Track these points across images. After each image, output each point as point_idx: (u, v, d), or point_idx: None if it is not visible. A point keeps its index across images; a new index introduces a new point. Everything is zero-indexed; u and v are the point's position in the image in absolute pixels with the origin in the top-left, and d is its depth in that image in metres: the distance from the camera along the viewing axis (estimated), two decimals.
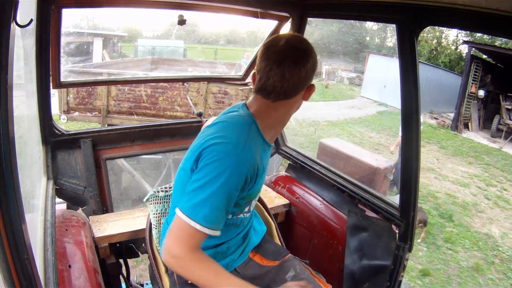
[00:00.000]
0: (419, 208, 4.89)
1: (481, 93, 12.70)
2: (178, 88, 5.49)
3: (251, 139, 1.08)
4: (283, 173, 2.44)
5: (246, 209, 1.25)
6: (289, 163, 2.40)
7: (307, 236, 2.08)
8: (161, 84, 5.40)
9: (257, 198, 1.32)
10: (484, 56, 13.11)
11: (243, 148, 1.03)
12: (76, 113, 5.72)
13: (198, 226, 0.97)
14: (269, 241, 1.51)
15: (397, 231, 1.66)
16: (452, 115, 14.07)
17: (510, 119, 12.19)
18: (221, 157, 1.01)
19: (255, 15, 1.95)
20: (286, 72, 1.03)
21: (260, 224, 1.49)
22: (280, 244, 1.67)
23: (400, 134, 5.38)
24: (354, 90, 19.13)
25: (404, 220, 1.59)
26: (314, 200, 2.11)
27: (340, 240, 1.91)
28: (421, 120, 5.07)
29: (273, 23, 2.17)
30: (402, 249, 1.60)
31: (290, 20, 2.05)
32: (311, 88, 1.13)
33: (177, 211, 1.01)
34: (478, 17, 1.17)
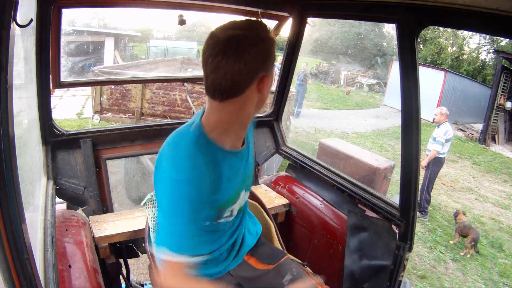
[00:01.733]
0: (469, 226, 4.84)
1: (509, 105, 12.20)
2: None
3: (194, 153, 0.98)
4: (283, 173, 2.44)
5: (227, 215, 1.18)
6: (289, 163, 2.40)
7: (307, 236, 2.08)
8: (196, 89, 5.48)
9: (239, 204, 1.22)
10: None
11: (185, 171, 0.96)
12: (109, 114, 5.80)
13: (172, 258, 0.97)
14: (265, 243, 1.47)
15: (397, 231, 1.67)
16: (476, 126, 13.63)
17: None
18: (170, 188, 0.98)
19: (255, 15, 1.95)
20: (220, 66, 0.90)
21: (255, 225, 1.45)
22: (279, 244, 1.66)
23: (431, 148, 5.19)
24: (375, 98, 18.50)
25: (404, 220, 1.59)
26: (314, 200, 2.11)
27: (340, 240, 1.91)
28: (451, 134, 4.90)
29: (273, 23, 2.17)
30: (402, 249, 1.60)
31: (290, 20, 2.06)
32: (264, 79, 0.97)
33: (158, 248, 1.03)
34: (478, 17, 1.18)
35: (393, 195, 5.29)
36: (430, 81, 13.45)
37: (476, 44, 23.20)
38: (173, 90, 5.61)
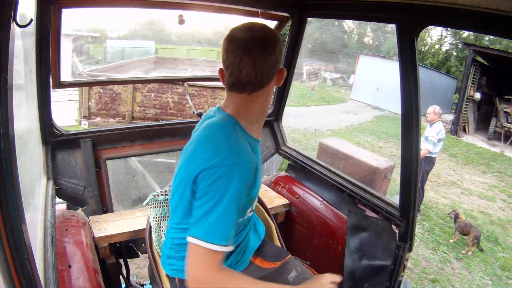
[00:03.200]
0: (469, 225, 4.84)
1: (478, 95, 12.65)
2: (206, 95, 5.52)
3: (241, 141, 1.04)
4: (283, 173, 2.44)
5: (249, 210, 1.23)
6: (289, 163, 2.40)
7: (307, 236, 2.08)
8: (190, 91, 5.43)
9: (257, 197, 1.30)
10: (479, 58, 13.13)
11: (237, 155, 1.00)
12: (98, 119, 5.70)
13: (217, 247, 0.95)
14: (269, 243, 1.50)
15: (397, 231, 1.67)
16: (444, 116, 13.82)
17: (508, 122, 12.14)
18: (221, 174, 0.97)
19: (255, 15, 1.95)
20: (257, 60, 1.00)
21: (259, 225, 1.48)
22: (280, 244, 1.67)
23: (423, 147, 4.99)
24: (341, 92, 18.54)
25: (404, 220, 1.59)
26: (314, 200, 2.11)
27: (340, 240, 1.91)
28: (443, 134, 4.76)
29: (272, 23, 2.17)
30: (402, 249, 1.60)
31: (290, 20, 2.06)
32: (282, 72, 1.10)
33: (192, 239, 0.97)
34: (478, 17, 1.18)
35: (392, 195, 5.29)
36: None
37: (438, 36, 23.37)
38: (165, 93, 5.50)
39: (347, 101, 16.67)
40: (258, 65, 1.01)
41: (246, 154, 1.02)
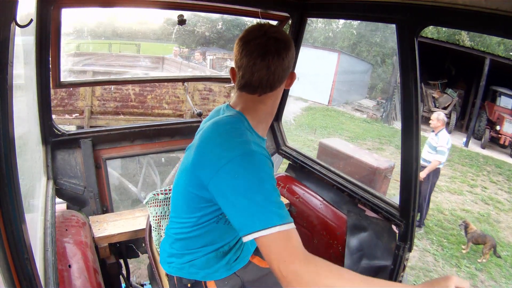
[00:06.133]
0: (483, 234, 4.74)
1: None
2: (166, 86, 5.35)
3: (249, 134, 1.05)
4: (283, 173, 2.44)
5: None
6: (289, 163, 2.40)
7: (307, 236, 2.08)
8: (150, 84, 5.28)
9: None
10: None
11: (249, 144, 0.97)
12: (54, 116, 5.48)
13: (284, 227, 0.85)
14: None
15: (397, 231, 1.67)
16: (363, 102, 14.23)
17: (435, 107, 12.27)
18: (239, 163, 0.92)
19: (255, 15, 1.95)
20: (271, 65, 1.02)
21: None
22: None
23: (432, 158, 4.64)
24: None
25: (404, 220, 1.59)
26: (314, 200, 2.11)
27: (340, 240, 1.91)
28: (450, 142, 4.23)
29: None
30: (402, 249, 1.60)
31: (290, 20, 2.06)
32: (292, 75, 1.12)
33: (250, 237, 0.86)
34: (478, 17, 1.17)
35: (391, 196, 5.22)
36: (325, 63, 13.78)
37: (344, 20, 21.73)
38: (125, 85, 5.19)
39: None
40: (271, 70, 1.02)
41: (256, 144, 1.01)
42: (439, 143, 4.67)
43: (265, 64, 1.01)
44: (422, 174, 4.66)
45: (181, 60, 8.35)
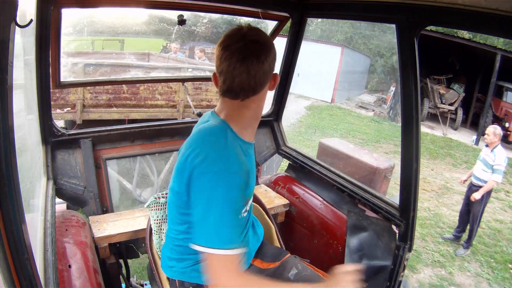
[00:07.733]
0: None
1: None
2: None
3: (230, 146, 1.05)
4: (283, 173, 2.44)
5: (243, 211, 1.21)
6: (289, 163, 2.41)
7: (307, 236, 2.08)
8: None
9: (251, 200, 1.28)
10: None
11: (226, 159, 1.00)
12: None
13: (223, 252, 0.94)
14: (268, 244, 1.50)
15: (397, 231, 1.67)
16: (363, 98, 13.93)
17: (442, 103, 11.88)
18: (209, 179, 0.98)
19: (255, 15, 1.95)
20: (251, 69, 1.00)
21: (258, 227, 1.47)
22: (280, 245, 1.67)
23: (489, 178, 4.19)
24: None
25: (404, 220, 1.59)
26: (314, 200, 2.11)
27: (340, 240, 1.91)
28: (506, 163, 4.00)
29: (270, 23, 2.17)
30: (402, 249, 1.60)
31: (290, 20, 2.06)
32: (275, 77, 1.11)
33: (196, 246, 0.97)
34: (478, 17, 1.18)
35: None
36: (327, 58, 13.27)
37: None
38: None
39: None
40: (251, 74, 1.01)
41: (234, 159, 1.02)
42: (496, 161, 4.19)
43: (244, 69, 1.00)
44: (477, 195, 4.24)
45: (184, 58, 8.29)
